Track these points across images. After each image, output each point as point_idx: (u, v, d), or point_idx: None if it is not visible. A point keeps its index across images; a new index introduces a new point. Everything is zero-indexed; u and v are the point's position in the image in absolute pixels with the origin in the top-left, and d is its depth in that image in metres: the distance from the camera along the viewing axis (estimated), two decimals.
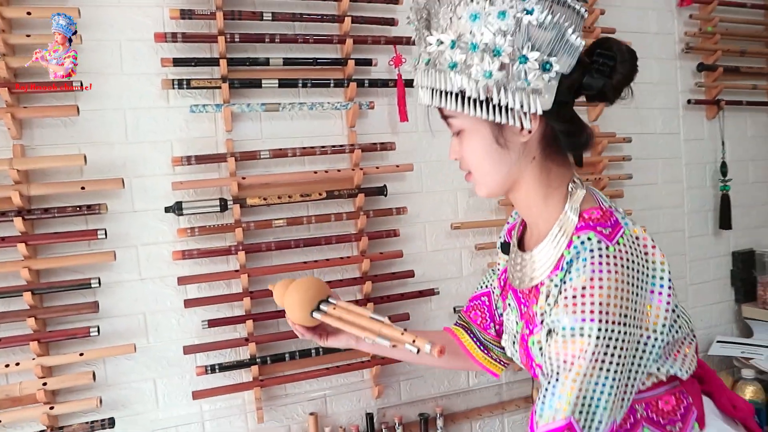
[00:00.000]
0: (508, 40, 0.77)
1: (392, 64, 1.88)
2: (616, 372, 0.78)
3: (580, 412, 0.77)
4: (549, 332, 0.83)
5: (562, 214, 0.87)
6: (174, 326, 1.73)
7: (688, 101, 2.46)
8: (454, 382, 2.06)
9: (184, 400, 1.74)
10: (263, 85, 1.75)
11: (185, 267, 1.72)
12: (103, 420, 1.62)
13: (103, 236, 1.60)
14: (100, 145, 1.66)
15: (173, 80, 1.67)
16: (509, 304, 1.01)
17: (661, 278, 0.82)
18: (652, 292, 0.82)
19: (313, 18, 1.80)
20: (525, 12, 0.77)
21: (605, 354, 0.77)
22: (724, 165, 2.51)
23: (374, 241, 1.88)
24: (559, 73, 0.80)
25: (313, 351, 1.81)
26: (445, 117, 0.91)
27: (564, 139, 0.88)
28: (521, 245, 1.00)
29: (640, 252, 0.82)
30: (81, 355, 1.60)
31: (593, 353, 0.77)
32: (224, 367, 1.72)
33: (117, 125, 1.67)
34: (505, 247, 1.04)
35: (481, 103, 0.80)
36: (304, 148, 1.80)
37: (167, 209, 1.67)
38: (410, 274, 1.93)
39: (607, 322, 0.77)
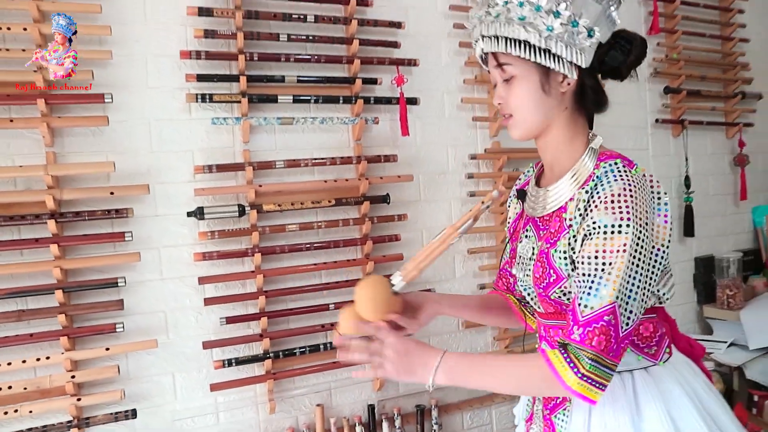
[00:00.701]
0: (567, 7, 0.98)
1: (395, 83, 2.06)
2: (644, 269, 0.95)
3: (621, 299, 0.93)
4: (586, 236, 0.97)
5: (580, 160, 1.05)
6: (192, 323, 1.86)
7: (656, 120, 2.71)
8: None
9: (201, 392, 1.86)
10: (279, 101, 1.90)
11: (203, 268, 1.85)
12: (126, 411, 1.73)
13: (130, 238, 1.72)
14: (127, 154, 1.77)
15: (196, 94, 1.80)
16: (526, 235, 1.15)
17: (665, 204, 1.04)
18: (658, 215, 1.03)
19: (325, 40, 1.96)
20: None
21: (636, 251, 0.94)
22: (687, 179, 2.76)
23: (377, 244, 2.04)
24: (598, 40, 1.00)
25: (321, 346, 1.95)
26: (500, 65, 1.05)
27: (591, 96, 1.06)
28: (538, 185, 1.17)
29: (647, 183, 1.01)
30: (107, 349, 1.71)
31: (629, 249, 0.93)
32: (240, 361, 1.85)
33: (142, 135, 1.80)
34: (522, 194, 1.20)
35: (539, 50, 0.99)
36: (315, 158, 1.95)
37: (189, 214, 1.80)
38: None
39: (637, 224, 0.94)
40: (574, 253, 1.01)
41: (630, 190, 0.96)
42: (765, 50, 3.04)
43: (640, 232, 0.95)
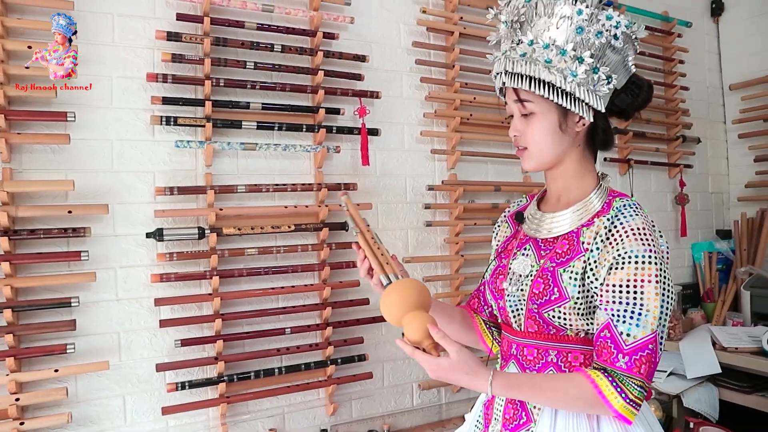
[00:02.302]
0: (592, 55, 1.04)
1: (357, 114, 2.13)
2: (670, 298, 1.02)
3: (659, 327, 1.00)
4: (615, 264, 1.02)
5: (590, 195, 1.12)
6: (146, 345, 1.84)
7: (605, 159, 2.86)
8: (400, 401, 2.26)
9: (152, 416, 1.84)
10: (243, 126, 1.94)
11: (160, 289, 1.85)
12: None
13: (86, 258, 1.71)
14: (87, 173, 1.77)
15: (161, 117, 1.82)
16: (524, 254, 1.18)
17: (666, 242, 1.11)
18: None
19: (290, 69, 2.02)
20: (614, 38, 1.06)
21: (664, 280, 1.01)
22: None
23: (335, 270, 2.08)
24: (615, 86, 1.08)
25: (276, 370, 1.96)
26: (521, 100, 1.11)
27: (602, 136, 1.14)
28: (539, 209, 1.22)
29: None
30: (56, 371, 1.68)
31: (660, 278, 1.00)
32: (194, 385, 1.84)
33: (104, 155, 1.80)
34: (520, 217, 1.24)
35: (561, 92, 1.06)
36: (276, 184, 1.99)
37: (149, 235, 1.80)
38: (365, 301, 2.14)
39: (660, 255, 1.02)
40: (592, 277, 1.05)
41: (651, 225, 1.05)
42: (702, 98, 3.27)
43: (664, 263, 1.03)
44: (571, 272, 1.07)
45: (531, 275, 1.14)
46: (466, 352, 1.03)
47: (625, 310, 1.01)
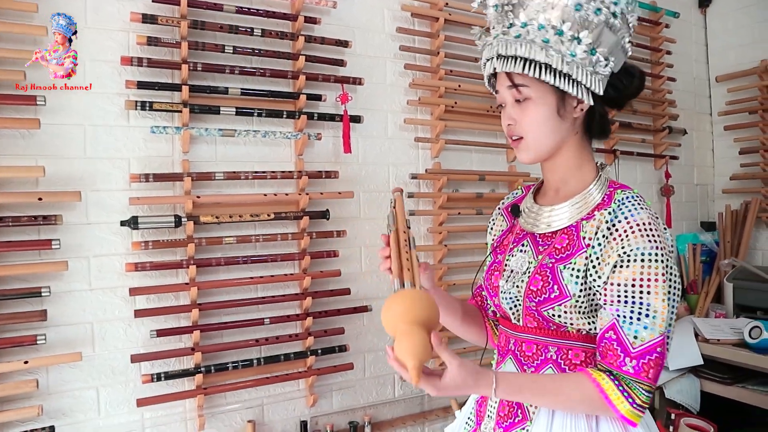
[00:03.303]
0: (588, 35, 0.99)
1: (339, 101, 2.08)
2: (677, 296, 0.98)
3: (667, 328, 0.95)
4: (620, 262, 0.97)
5: (590, 187, 1.07)
6: (121, 336, 1.80)
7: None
8: (381, 392, 2.24)
9: (127, 408, 1.80)
10: (221, 112, 1.89)
11: (135, 279, 1.80)
12: (43, 428, 1.65)
13: (57, 246, 1.66)
14: (58, 159, 1.72)
15: (136, 101, 1.77)
16: (521, 249, 1.13)
17: (670, 236, 1.06)
18: None
19: (270, 54, 1.97)
20: (613, 15, 1.01)
21: (671, 279, 0.97)
22: None
23: (315, 260, 2.05)
24: (611, 69, 1.02)
25: (254, 361, 1.93)
26: (515, 85, 1.04)
27: (599, 121, 1.09)
28: (536, 202, 1.17)
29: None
30: (26, 363, 1.63)
31: (667, 277, 0.96)
32: (170, 376, 1.80)
33: (76, 140, 1.74)
34: (516, 209, 1.20)
35: (559, 74, 1.00)
36: (255, 172, 1.94)
37: (123, 223, 1.75)
38: (346, 291, 2.11)
39: (667, 252, 0.98)
40: (594, 275, 1.01)
41: (656, 219, 1.00)
42: (688, 90, 3.26)
43: (670, 260, 0.99)
44: (572, 269, 1.02)
45: (528, 272, 1.09)
46: (466, 364, 0.96)
47: (632, 311, 0.97)
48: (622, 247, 0.98)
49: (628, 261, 0.97)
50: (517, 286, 1.10)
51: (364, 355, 2.19)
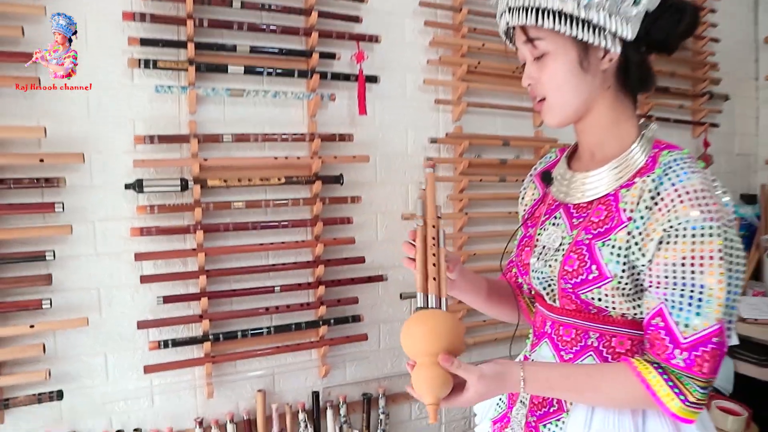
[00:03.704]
0: None
1: (354, 60, 1.97)
2: (738, 276, 0.83)
3: (726, 314, 0.81)
4: (666, 237, 0.83)
5: (631, 148, 0.92)
6: (128, 302, 1.76)
7: None
8: (396, 364, 2.17)
9: (135, 374, 1.77)
10: (229, 71, 1.80)
11: (142, 244, 1.75)
12: (51, 392, 1.63)
13: (61, 210, 1.61)
14: (60, 119, 1.66)
15: (140, 60, 1.69)
16: (553, 223, 1.00)
17: (731, 204, 0.91)
18: None
19: (281, 9, 1.86)
20: None
21: (731, 255, 0.82)
22: None
23: (328, 227, 1.97)
24: (645, 8, 0.88)
25: (264, 330, 1.87)
26: (530, 39, 0.92)
27: (636, 72, 0.93)
28: (570, 168, 1.03)
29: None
30: (31, 327, 1.60)
31: (725, 254, 0.81)
32: (177, 343, 1.76)
33: (78, 100, 1.68)
34: (547, 176, 1.06)
35: (577, 21, 0.87)
36: (265, 134, 1.86)
37: (128, 186, 1.70)
38: (361, 260, 2.02)
39: (725, 223, 0.82)
40: (637, 253, 0.87)
41: (711, 184, 0.85)
42: (734, 52, 3.03)
43: (730, 233, 0.83)
44: (613, 246, 0.88)
45: (562, 249, 0.95)
46: (485, 374, 0.86)
47: (682, 295, 0.82)
48: (669, 220, 0.83)
49: (676, 236, 0.83)
50: (550, 266, 0.96)
51: (379, 325, 2.12)
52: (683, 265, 0.82)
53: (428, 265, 0.92)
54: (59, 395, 1.64)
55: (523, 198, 1.17)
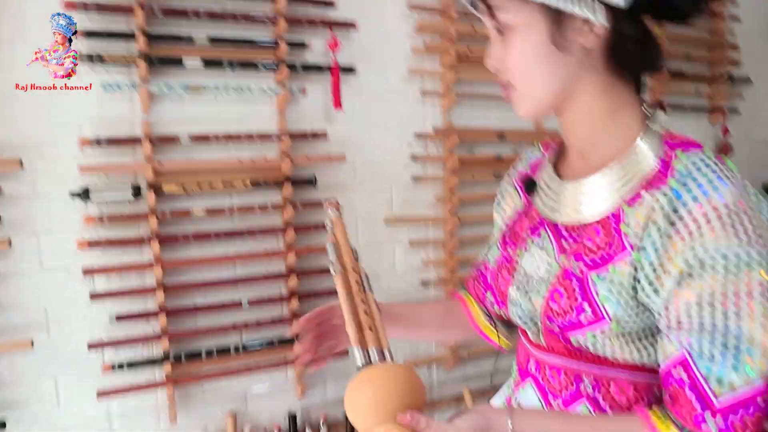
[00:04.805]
0: None
1: (328, 49, 1.79)
2: None
3: None
4: (689, 270, 0.64)
5: (633, 146, 0.72)
6: (80, 320, 1.61)
7: None
8: None
9: (91, 399, 1.62)
10: (186, 65, 1.63)
11: (93, 257, 1.60)
12: None
13: None
14: None
15: (84, 54, 1.53)
16: (537, 245, 0.81)
17: None
18: None
19: None
20: None
21: None
22: None
23: (301, 234, 1.80)
24: None
25: (232, 348, 1.72)
26: (491, 13, 0.73)
27: (633, 49, 0.72)
28: (558, 174, 0.83)
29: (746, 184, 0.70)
30: None
31: (766, 288, 0.63)
32: (133, 364, 1.61)
33: (15, 99, 1.52)
34: (531, 184, 0.86)
35: None
36: (228, 133, 1.69)
37: (73, 194, 1.54)
38: None
39: (765, 248, 0.63)
40: (648, 289, 0.68)
41: (746, 194, 0.65)
42: (757, 31, 2.78)
43: None
44: (611, 281, 0.70)
45: (548, 280, 0.77)
46: (466, 427, 0.68)
47: (712, 342, 0.63)
48: (692, 249, 0.64)
49: (702, 269, 0.63)
50: (532, 300, 0.78)
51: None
52: (712, 305, 0.63)
53: (359, 314, 0.74)
54: (1, 425, 1.50)
55: (500, 204, 0.97)
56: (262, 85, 1.73)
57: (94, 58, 1.54)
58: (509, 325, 0.97)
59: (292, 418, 1.84)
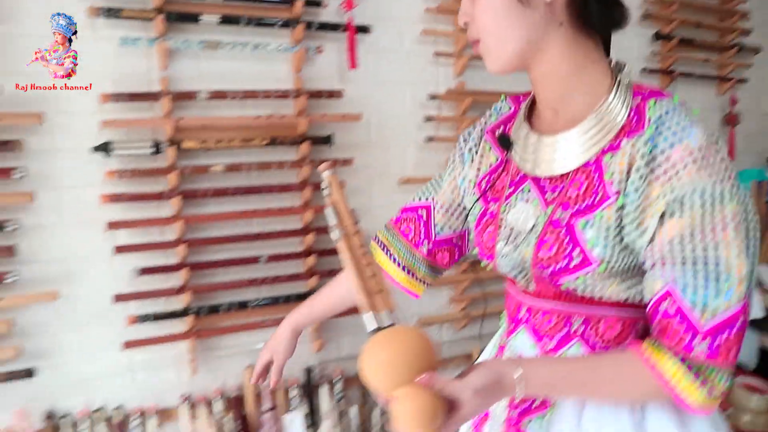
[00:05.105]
0: None
1: (343, 8, 1.79)
2: (756, 245, 0.71)
3: (748, 290, 0.69)
4: (671, 209, 0.69)
5: (607, 99, 0.75)
6: (103, 274, 1.64)
7: (643, 69, 2.46)
8: None
9: (113, 350, 1.66)
10: (202, 21, 1.63)
11: (115, 212, 1.62)
12: (21, 370, 1.53)
13: (19, 175, 1.48)
14: (17, 75, 1.51)
15: (101, 8, 1.53)
16: (522, 198, 0.83)
17: None
18: None
19: None
20: None
21: (746, 220, 0.70)
22: None
23: (318, 191, 1.82)
24: None
25: (252, 302, 1.75)
26: None
27: (595, 6, 0.75)
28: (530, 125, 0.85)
29: None
30: None
31: (741, 221, 0.69)
32: (157, 317, 1.65)
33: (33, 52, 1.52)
34: (505, 140, 0.87)
35: None
36: (245, 90, 1.70)
37: (95, 149, 1.56)
38: None
39: (737, 184, 0.70)
40: (633, 232, 0.72)
41: (711, 138, 0.70)
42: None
43: (740, 193, 0.70)
44: (599, 227, 0.73)
45: (536, 231, 0.80)
46: (481, 386, 0.69)
47: (695, 273, 0.69)
48: (672, 190, 0.69)
49: (682, 207, 0.69)
50: (522, 252, 0.81)
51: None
52: (693, 237, 0.69)
53: (366, 278, 0.75)
54: (29, 373, 1.54)
55: (468, 151, 0.94)
56: (278, 43, 1.73)
57: (111, 12, 1.54)
58: (433, 268, 1.00)
59: (309, 373, 1.88)
